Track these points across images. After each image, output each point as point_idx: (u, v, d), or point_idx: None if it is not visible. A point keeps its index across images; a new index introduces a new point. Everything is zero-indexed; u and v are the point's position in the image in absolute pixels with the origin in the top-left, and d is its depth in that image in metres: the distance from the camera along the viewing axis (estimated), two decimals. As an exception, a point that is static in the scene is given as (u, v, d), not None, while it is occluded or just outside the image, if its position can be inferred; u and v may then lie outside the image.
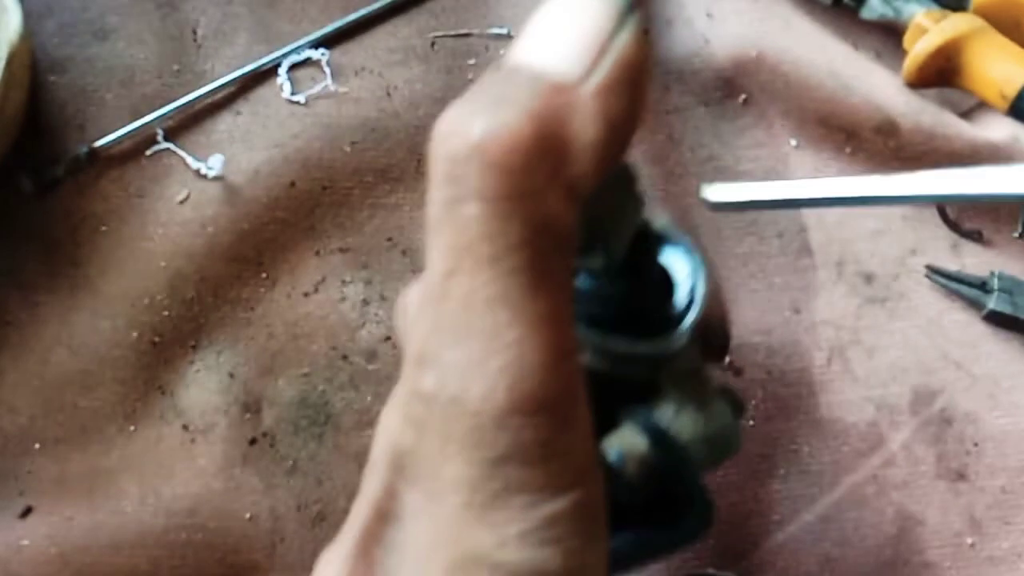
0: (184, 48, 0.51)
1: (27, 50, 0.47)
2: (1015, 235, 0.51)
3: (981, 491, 0.46)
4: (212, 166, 0.48)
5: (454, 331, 0.24)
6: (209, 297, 0.47)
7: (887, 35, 0.54)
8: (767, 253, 0.50)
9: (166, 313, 0.47)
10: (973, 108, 0.53)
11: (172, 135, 0.50)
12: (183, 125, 0.50)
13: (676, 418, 0.31)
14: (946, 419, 0.47)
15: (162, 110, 0.49)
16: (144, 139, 0.49)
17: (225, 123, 0.50)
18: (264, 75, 0.51)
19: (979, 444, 0.47)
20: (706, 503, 0.31)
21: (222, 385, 0.46)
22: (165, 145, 0.49)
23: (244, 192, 0.48)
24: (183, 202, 0.48)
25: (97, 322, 0.46)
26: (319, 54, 0.51)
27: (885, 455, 0.46)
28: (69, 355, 0.46)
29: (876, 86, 0.51)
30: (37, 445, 0.45)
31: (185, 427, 0.46)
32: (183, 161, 0.49)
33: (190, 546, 0.43)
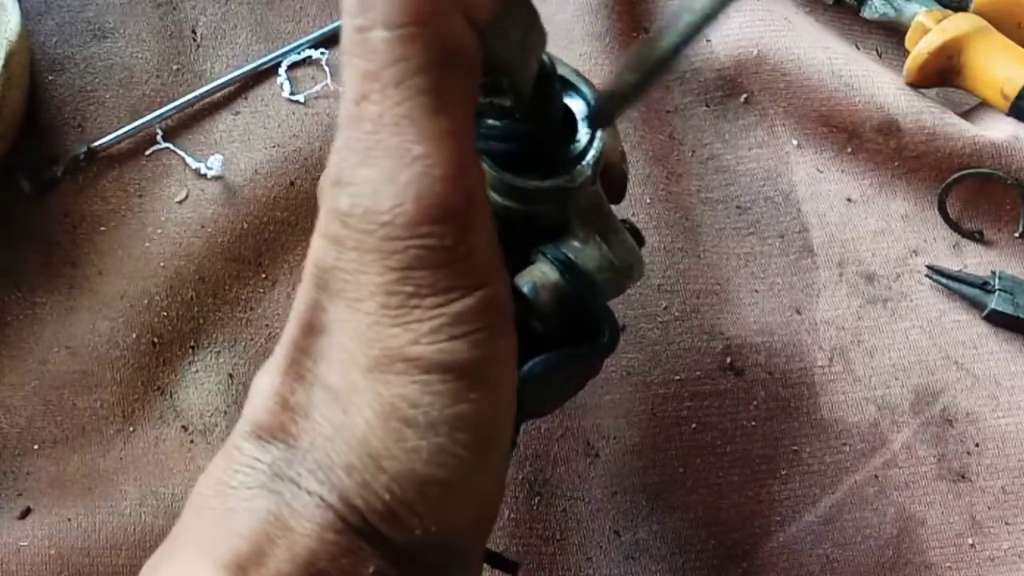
0: (183, 47, 0.51)
1: (26, 49, 0.47)
2: (1016, 235, 0.51)
3: (982, 491, 0.46)
4: (211, 166, 0.48)
5: (366, 152, 0.26)
6: (208, 297, 0.47)
7: (888, 34, 0.54)
8: (768, 253, 0.50)
9: (165, 313, 0.47)
10: (974, 108, 0.53)
11: (171, 135, 0.49)
12: (182, 125, 0.50)
13: (583, 249, 0.34)
14: (947, 419, 0.47)
15: (161, 110, 0.49)
16: (143, 139, 0.49)
17: (224, 123, 0.50)
18: (264, 75, 0.51)
19: (980, 444, 0.47)
20: (614, 324, 0.34)
21: (221, 386, 0.46)
22: (164, 145, 0.49)
23: (243, 192, 0.48)
24: (182, 202, 0.48)
25: (96, 322, 0.46)
26: (319, 53, 0.51)
27: (886, 455, 0.46)
28: (68, 356, 0.46)
29: (877, 85, 0.51)
30: (36, 446, 0.45)
31: (184, 428, 0.46)
32: (182, 161, 0.49)
33: (189, 547, 0.43)
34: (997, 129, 0.51)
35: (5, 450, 0.45)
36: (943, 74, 0.51)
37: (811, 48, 0.51)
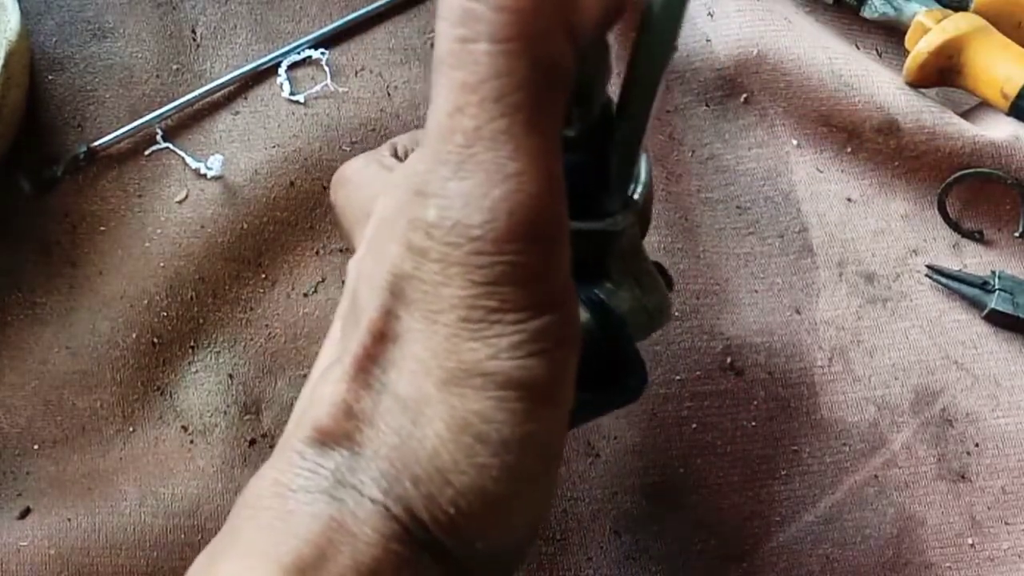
0: (183, 47, 0.51)
1: (25, 49, 0.47)
2: (1016, 235, 0.51)
3: (982, 491, 0.46)
4: (211, 166, 0.48)
5: (458, 164, 0.26)
6: (208, 298, 0.47)
7: (888, 34, 0.54)
8: (768, 253, 0.50)
9: (165, 314, 0.47)
10: (974, 107, 0.53)
11: (171, 135, 0.49)
12: (182, 125, 0.50)
13: (616, 292, 0.34)
14: (947, 419, 0.47)
15: (161, 109, 0.49)
16: (143, 139, 0.49)
17: (224, 123, 0.50)
18: (263, 75, 0.51)
19: (980, 444, 0.47)
20: (643, 369, 0.34)
21: (221, 386, 0.46)
22: (164, 145, 0.49)
23: (243, 192, 0.48)
24: (182, 202, 0.48)
25: (96, 322, 0.46)
26: (319, 54, 0.51)
27: (886, 455, 0.46)
28: (68, 356, 0.46)
29: (877, 85, 0.51)
30: (36, 446, 0.45)
31: (184, 428, 0.46)
32: (182, 161, 0.49)
33: (189, 547, 0.43)
34: (997, 129, 0.51)
35: (5, 450, 0.45)
36: (943, 74, 0.51)
37: (811, 48, 0.51)
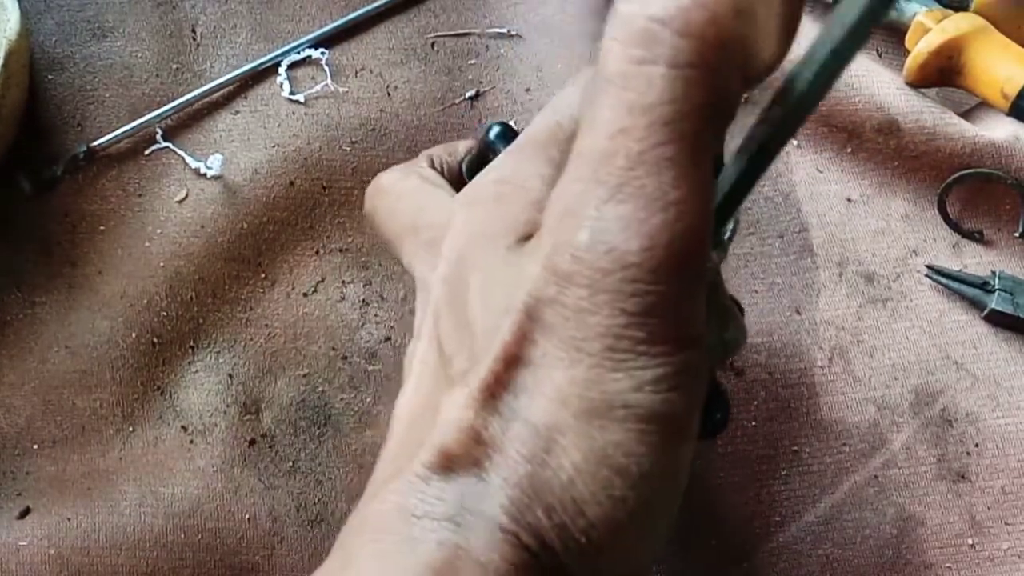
0: (183, 47, 0.51)
1: (25, 49, 0.47)
2: (1016, 235, 0.51)
3: (982, 492, 0.46)
4: (211, 166, 0.48)
5: (618, 187, 0.25)
6: (208, 297, 0.47)
7: (888, 34, 0.54)
8: (768, 254, 0.50)
9: (165, 313, 0.47)
10: (974, 108, 0.53)
11: (171, 134, 0.49)
12: (182, 124, 0.50)
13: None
14: (947, 419, 0.47)
15: (161, 109, 0.49)
16: (143, 138, 0.49)
17: (224, 122, 0.50)
18: (263, 74, 0.51)
19: (980, 445, 0.47)
20: (726, 404, 0.34)
21: (221, 386, 0.46)
22: (164, 144, 0.49)
23: (243, 192, 0.48)
24: (182, 202, 0.48)
25: (95, 322, 0.46)
26: (319, 53, 0.51)
27: (886, 456, 0.46)
28: (67, 355, 0.46)
29: (877, 85, 0.51)
30: (35, 446, 0.45)
31: (184, 428, 0.46)
32: (182, 160, 0.49)
33: (189, 547, 0.43)
34: (997, 129, 0.51)
35: (5, 450, 0.45)
36: (943, 74, 0.51)
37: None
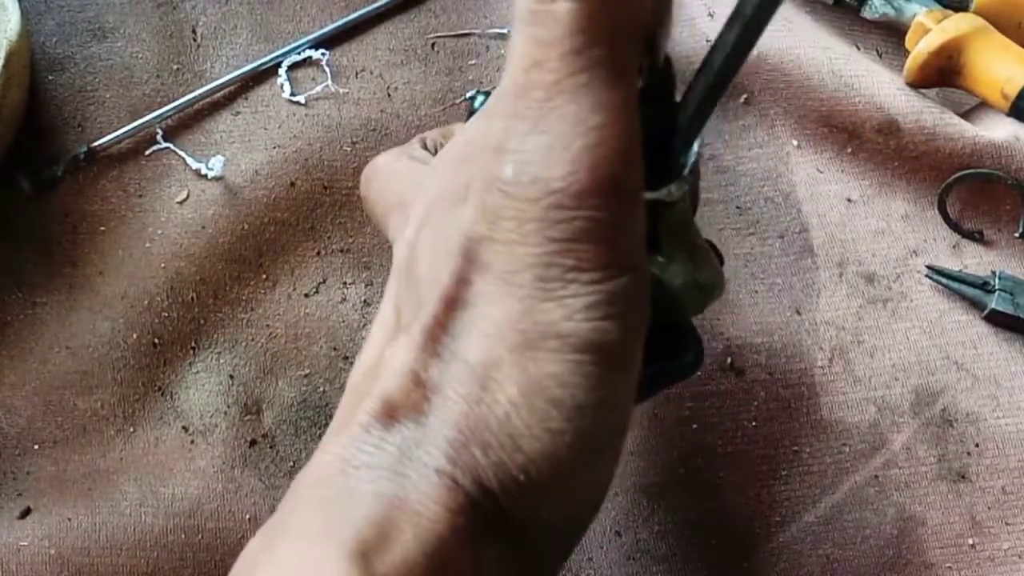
0: (183, 47, 0.51)
1: (26, 49, 0.47)
2: (1016, 235, 0.51)
3: (982, 492, 0.46)
4: (212, 166, 0.48)
5: (537, 119, 0.25)
6: (209, 298, 0.47)
7: (889, 34, 0.54)
8: (768, 254, 0.50)
9: (166, 314, 0.47)
10: (974, 108, 0.53)
11: (171, 135, 0.49)
12: (182, 125, 0.50)
13: (668, 265, 0.33)
14: (947, 420, 0.47)
15: (161, 110, 0.49)
16: (143, 139, 0.49)
17: (225, 123, 0.50)
18: (264, 75, 0.51)
19: (980, 445, 0.47)
20: (698, 344, 0.34)
21: (222, 386, 0.46)
22: (164, 145, 0.49)
23: (244, 193, 0.48)
24: (183, 202, 0.48)
25: (96, 323, 0.46)
26: (319, 54, 0.51)
27: (886, 456, 0.46)
28: (68, 356, 0.46)
29: (878, 86, 0.51)
30: (36, 446, 0.45)
31: (185, 428, 0.46)
32: (183, 161, 0.49)
33: (189, 547, 0.43)
34: (997, 129, 0.51)
35: (5, 450, 0.45)
36: (943, 74, 0.51)
37: (811, 48, 0.51)
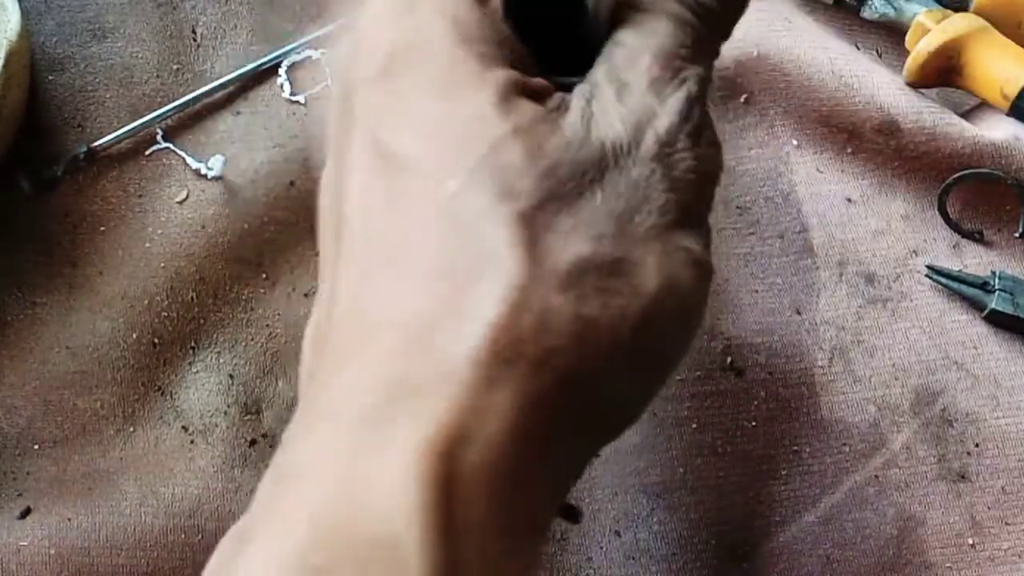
0: (183, 47, 0.51)
1: (25, 49, 0.47)
2: (1016, 235, 0.51)
3: (982, 491, 0.46)
4: (212, 166, 0.48)
5: None
6: (209, 298, 0.47)
7: (889, 34, 0.54)
8: (768, 254, 0.50)
9: (165, 314, 0.47)
10: (974, 108, 0.53)
11: (171, 135, 0.49)
12: (182, 125, 0.50)
13: None
14: (947, 420, 0.47)
15: (161, 110, 0.49)
16: (143, 139, 0.49)
17: (225, 123, 0.50)
18: (264, 75, 0.51)
19: (980, 444, 0.47)
20: None
21: (222, 386, 0.46)
22: (164, 145, 0.49)
23: (244, 192, 0.48)
24: (182, 202, 0.48)
25: (96, 323, 0.46)
26: (319, 54, 0.51)
27: (886, 456, 0.46)
28: (68, 356, 0.46)
29: (877, 85, 0.51)
30: (36, 446, 0.45)
31: (185, 428, 0.46)
32: (183, 161, 0.49)
33: (189, 547, 0.43)
34: (997, 129, 0.51)
35: (5, 450, 0.45)
36: (943, 74, 0.51)
37: (811, 48, 0.51)
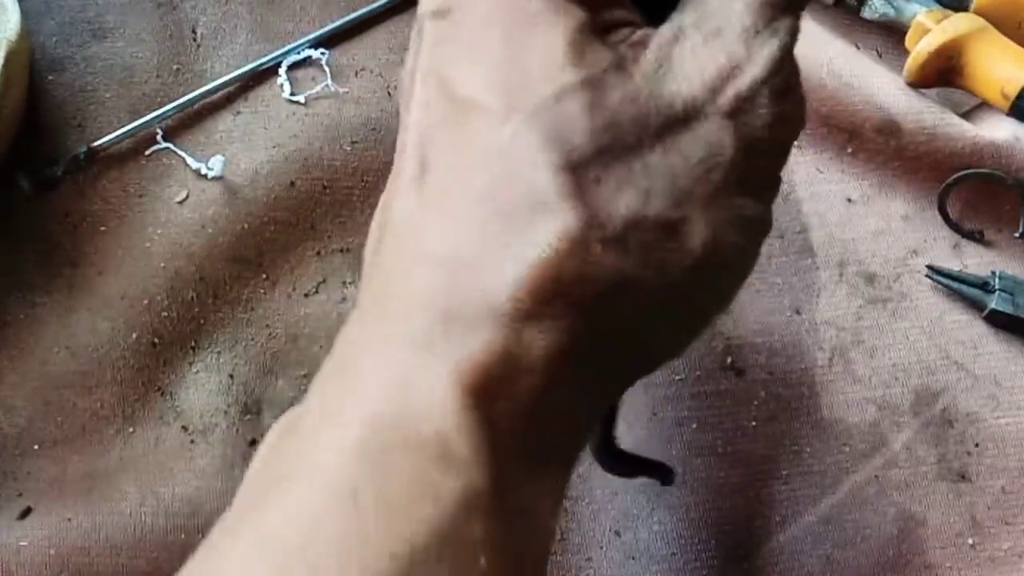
0: (183, 47, 0.51)
1: (25, 49, 0.47)
2: (1016, 235, 0.51)
3: (982, 491, 0.46)
4: (212, 166, 0.48)
5: None
6: (209, 298, 0.47)
7: (889, 34, 0.54)
8: (768, 254, 0.50)
9: (165, 314, 0.47)
10: (974, 108, 0.53)
11: (171, 135, 0.49)
12: (183, 125, 0.50)
13: None
14: (947, 420, 0.47)
15: (161, 110, 0.49)
16: (143, 139, 0.49)
17: (225, 123, 0.50)
18: (264, 75, 0.51)
19: (980, 444, 0.47)
20: None
21: (222, 386, 0.46)
22: (164, 145, 0.49)
23: (244, 192, 0.48)
24: (182, 202, 0.48)
25: (96, 323, 0.46)
26: (319, 54, 0.51)
27: (887, 456, 0.46)
28: (68, 356, 0.46)
29: (878, 85, 0.51)
30: (36, 446, 0.45)
31: (185, 428, 0.45)
32: (183, 161, 0.49)
33: (189, 547, 0.42)
34: (997, 129, 0.51)
35: (5, 450, 0.45)
36: (943, 74, 0.51)
37: (811, 48, 0.51)
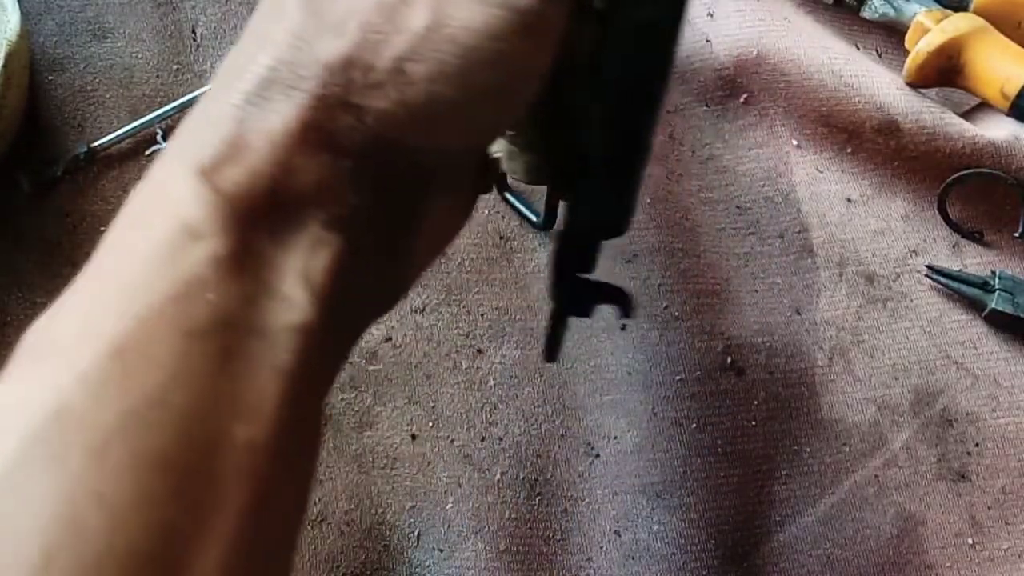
0: (183, 47, 0.51)
1: (26, 49, 0.47)
2: (1016, 235, 0.51)
3: (982, 491, 0.46)
4: (212, 166, 0.48)
5: None
6: (209, 298, 0.47)
7: (888, 34, 0.54)
8: (768, 253, 0.50)
9: (166, 314, 0.46)
10: (974, 108, 0.53)
11: (171, 135, 0.49)
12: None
13: None
14: (947, 419, 0.47)
15: (161, 110, 0.49)
16: (143, 139, 0.49)
17: (225, 123, 0.50)
18: (263, 74, 0.51)
19: (980, 444, 0.47)
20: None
21: (222, 386, 0.46)
22: (164, 145, 0.49)
23: (244, 192, 0.48)
24: (182, 202, 0.48)
25: (96, 323, 0.46)
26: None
27: (886, 455, 0.46)
28: (68, 356, 0.46)
29: (877, 85, 0.51)
30: (36, 446, 0.45)
31: (185, 428, 0.45)
32: (182, 161, 0.49)
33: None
34: (997, 129, 0.51)
35: (5, 450, 0.45)
36: (943, 74, 0.51)
37: (811, 48, 0.52)
